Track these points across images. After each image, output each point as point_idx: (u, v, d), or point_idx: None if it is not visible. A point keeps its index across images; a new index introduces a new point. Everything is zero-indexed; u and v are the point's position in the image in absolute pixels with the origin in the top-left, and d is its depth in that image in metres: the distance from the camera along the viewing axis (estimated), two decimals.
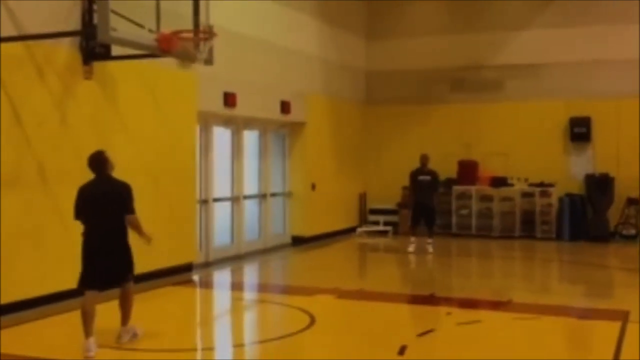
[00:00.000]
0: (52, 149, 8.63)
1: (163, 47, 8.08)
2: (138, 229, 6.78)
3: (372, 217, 17.05)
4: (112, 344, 6.61)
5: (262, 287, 11.17)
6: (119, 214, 6.68)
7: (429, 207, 13.65)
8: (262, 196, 13.98)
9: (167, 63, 9.48)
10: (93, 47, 8.91)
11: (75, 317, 8.07)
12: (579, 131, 15.72)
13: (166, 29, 8.16)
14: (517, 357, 6.67)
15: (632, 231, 15.26)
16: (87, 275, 6.60)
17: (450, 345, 7.15)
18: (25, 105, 8.25)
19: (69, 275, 8.79)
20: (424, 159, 13.66)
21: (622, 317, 8.03)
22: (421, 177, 13.58)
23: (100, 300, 6.71)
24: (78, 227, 8.95)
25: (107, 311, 6.77)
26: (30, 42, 8.26)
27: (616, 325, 7.64)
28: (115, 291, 6.83)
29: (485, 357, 6.67)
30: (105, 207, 6.65)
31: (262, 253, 13.46)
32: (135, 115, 10.00)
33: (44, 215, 8.54)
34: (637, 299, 9.29)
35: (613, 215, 15.33)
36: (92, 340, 6.40)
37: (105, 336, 6.65)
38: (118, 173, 9.73)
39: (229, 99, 12.13)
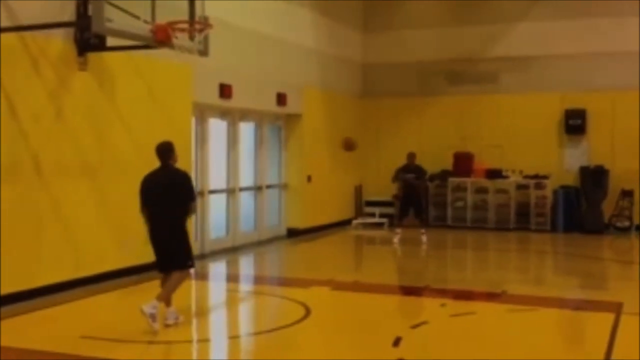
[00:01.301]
0: (48, 141, 8.61)
1: (158, 38, 8.07)
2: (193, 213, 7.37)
3: (367, 209, 17.08)
4: (109, 336, 6.61)
5: (258, 279, 11.18)
6: (178, 202, 7.05)
7: (415, 197, 13.72)
8: (257, 188, 13.98)
9: (163, 54, 9.45)
10: (88, 38, 8.87)
11: (73, 308, 8.10)
12: (574, 123, 15.75)
13: (161, 19, 8.15)
14: (511, 349, 6.71)
15: (626, 223, 15.31)
16: (156, 259, 7.20)
17: (444, 337, 7.18)
18: (20, 97, 8.22)
19: (66, 267, 8.85)
20: (411, 157, 13.77)
21: (616, 308, 8.07)
22: (406, 175, 13.65)
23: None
24: (75, 219, 9.01)
25: (107, 306, 6.78)
26: (25, 34, 8.23)
27: (610, 317, 7.68)
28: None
29: (479, 348, 6.70)
30: (165, 195, 7.03)
31: (257, 245, 13.48)
32: (131, 107, 9.98)
33: (41, 208, 8.53)
34: (631, 290, 9.34)
35: (607, 207, 15.38)
36: (154, 303, 6.84)
37: (104, 331, 6.66)
38: (113, 166, 9.77)
39: (225, 91, 12.11)
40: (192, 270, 7.58)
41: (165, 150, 7.19)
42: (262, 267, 12.65)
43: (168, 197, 7.05)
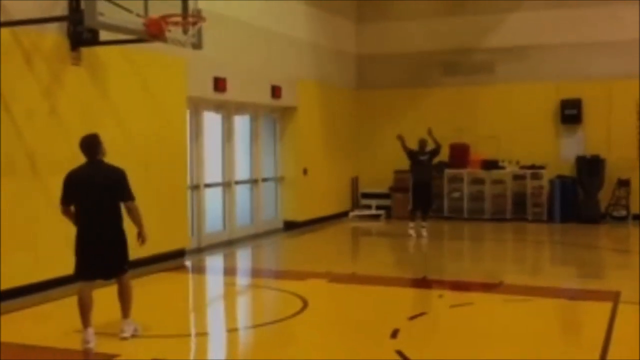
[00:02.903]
0: (41, 136, 8.57)
1: (151, 32, 8.03)
2: (138, 220, 6.50)
3: (364, 201, 17.06)
4: (107, 331, 6.59)
5: (255, 272, 11.18)
6: (112, 201, 6.40)
7: (426, 193, 13.59)
8: (253, 181, 13.96)
9: (157, 48, 9.41)
10: (81, 33, 8.84)
11: (69, 304, 8.07)
12: (570, 113, 15.73)
13: (154, 13, 8.10)
14: (509, 339, 6.71)
15: (623, 212, 15.32)
16: (80, 265, 6.39)
17: (442, 328, 7.19)
18: (13, 92, 8.18)
19: (61, 263, 8.79)
20: (422, 144, 13.61)
21: (613, 297, 8.07)
22: (420, 157, 13.55)
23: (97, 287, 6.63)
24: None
25: (103, 302, 6.74)
26: (17, 29, 8.18)
27: (607, 306, 7.69)
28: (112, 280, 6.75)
29: (478, 339, 6.70)
30: (97, 193, 6.35)
31: (254, 238, 13.46)
32: (125, 101, 9.94)
33: (36, 204, 8.50)
34: (628, 279, 9.35)
35: (604, 196, 15.38)
36: (90, 330, 6.29)
37: (104, 326, 6.64)
38: (109, 159, 9.70)
39: (219, 84, 12.07)
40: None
41: (93, 144, 6.52)
42: (259, 260, 12.64)
43: (105, 193, 6.37)
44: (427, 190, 13.62)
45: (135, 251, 9.76)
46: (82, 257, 6.39)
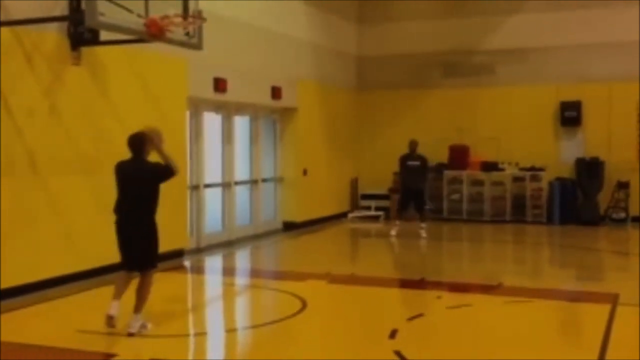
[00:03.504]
0: (42, 136, 8.58)
1: (152, 32, 8.03)
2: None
3: (363, 202, 17.06)
4: (106, 330, 6.60)
5: (254, 273, 11.19)
6: (146, 195, 6.75)
7: (417, 190, 13.71)
8: (253, 182, 13.97)
9: (157, 48, 9.41)
10: (81, 33, 8.84)
11: (68, 303, 8.09)
12: (570, 115, 15.74)
13: (155, 13, 8.10)
14: (507, 341, 6.71)
15: (622, 215, 15.33)
16: (121, 256, 6.81)
17: (440, 329, 7.19)
18: (13, 92, 8.18)
19: (61, 262, 8.83)
20: (413, 145, 13.73)
21: (612, 299, 8.09)
22: (410, 163, 13.66)
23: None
24: (71, 214, 8.99)
25: (103, 301, 6.76)
26: (18, 28, 8.19)
27: (606, 308, 7.69)
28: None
29: (476, 340, 6.71)
30: (134, 187, 6.73)
31: (253, 239, 13.46)
32: (125, 101, 9.94)
33: (37, 203, 8.51)
34: (627, 281, 9.35)
35: (603, 199, 15.39)
36: (116, 303, 6.52)
37: (100, 326, 6.64)
38: (108, 160, 9.70)
39: (220, 85, 12.08)
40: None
41: (139, 142, 6.83)
42: (258, 261, 12.64)
43: (140, 188, 6.74)
44: (416, 190, 13.73)
45: None
46: (120, 250, 6.81)
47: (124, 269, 6.83)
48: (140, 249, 6.78)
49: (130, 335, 6.54)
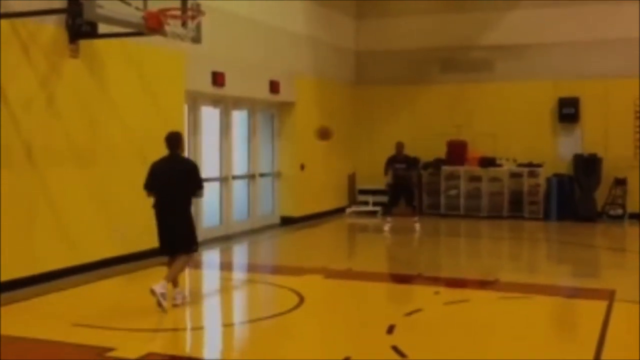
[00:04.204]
0: (39, 129, 8.55)
1: (150, 26, 8.01)
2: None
3: (361, 198, 17.07)
4: (102, 324, 6.59)
5: (251, 267, 11.18)
6: (184, 189, 7.43)
7: (405, 186, 13.84)
8: (251, 176, 13.95)
9: (155, 41, 9.39)
10: (79, 25, 8.82)
11: (66, 297, 8.08)
12: (568, 112, 15.75)
13: (153, 6, 8.08)
14: (504, 336, 6.72)
15: (619, 211, 15.35)
16: (160, 243, 7.50)
17: (438, 324, 7.19)
18: (11, 84, 8.16)
19: (58, 255, 8.82)
20: (399, 147, 13.90)
21: (609, 296, 8.10)
22: (397, 165, 13.82)
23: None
24: (68, 207, 8.97)
25: (100, 294, 6.75)
26: (16, 20, 8.16)
27: (603, 305, 7.70)
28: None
29: (473, 335, 6.71)
30: (171, 182, 7.37)
31: (251, 233, 13.46)
32: (123, 94, 9.92)
33: (33, 196, 8.49)
34: (624, 278, 9.37)
35: (600, 195, 15.41)
36: (163, 283, 7.13)
37: (97, 319, 6.63)
38: (105, 153, 9.72)
39: (218, 79, 12.05)
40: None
41: (176, 140, 7.54)
42: (255, 256, 12.64)
43: (178, 183, 7.41)
44: (404, 186, 13.93)
45: (131, 245, 9.83)
46: (160, 238, 7.49)
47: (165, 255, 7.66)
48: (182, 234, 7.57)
49: (175, 306, 7.32)
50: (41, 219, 8.60)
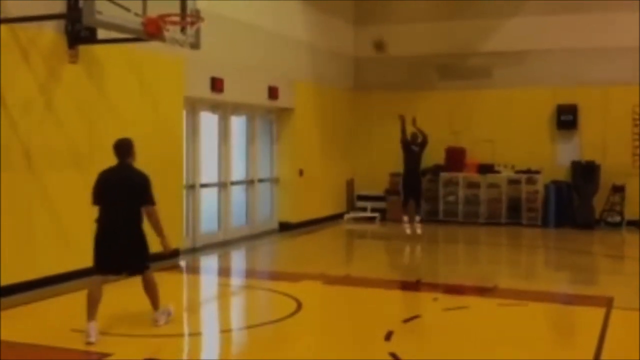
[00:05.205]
0: (38, 134, 8.55)
1: (149, 31, 8.02)
2: (157, 226, 6.79)
3: (359, 204, 17.05)
4: (101, 330, 6.57)
5: (249, 273, 11.16)
6: (133, 202, 6.67)
7: (417, 178, 13.74)
8: (249, 182, 13.95)
9: (154, 47, 9.40)
10: (78, 31, 8.82)
11: (64, 302, 8.07)
12: (566, 119, 15.77)
13: (153, 12, 8.10)
14: (503, 343, 6.72)
15: (617, 218, 15.35)
16: (96, 259, 6.66)
17: (436, 331, 7.19)
18: (10, 89, 8.16)
19: (56, 260, 8.80)
20: (414, 137, 13.70)
21: (607, 303, 8.10)
22: (413, 147, 13.65)
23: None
24: (66, 212, 8.96)
25: (107, 296, 6.72)
26: (15, 25, 8.17)
27: (601, 312, 7.70)
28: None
29: (471, 342, 6.71)
30: (120, 194, 6.63)
31: (249, 239, 13.44)
32: (122, 100, 9.93)
33: (31, 200, 8.48)
34: (622, 285, 9.37)
35: (598, 202, 15.41)
36: (93, 324, 6.38)
37: (102, 324, 6.61)
38: (104, 159, 9.68)
39: (216, 84, 12.07)
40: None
41: (125, 148, 6.81)
42: (253, 261, 12.63)
43: (128, 195, 6.65)
44: (416, 178, 13.76)
45: None
46: (97, 252, 6.66)
47: (101, 273, 6.71)
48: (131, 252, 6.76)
49: (160, 327, 6.83)
50: (40, 224, 8.60)
